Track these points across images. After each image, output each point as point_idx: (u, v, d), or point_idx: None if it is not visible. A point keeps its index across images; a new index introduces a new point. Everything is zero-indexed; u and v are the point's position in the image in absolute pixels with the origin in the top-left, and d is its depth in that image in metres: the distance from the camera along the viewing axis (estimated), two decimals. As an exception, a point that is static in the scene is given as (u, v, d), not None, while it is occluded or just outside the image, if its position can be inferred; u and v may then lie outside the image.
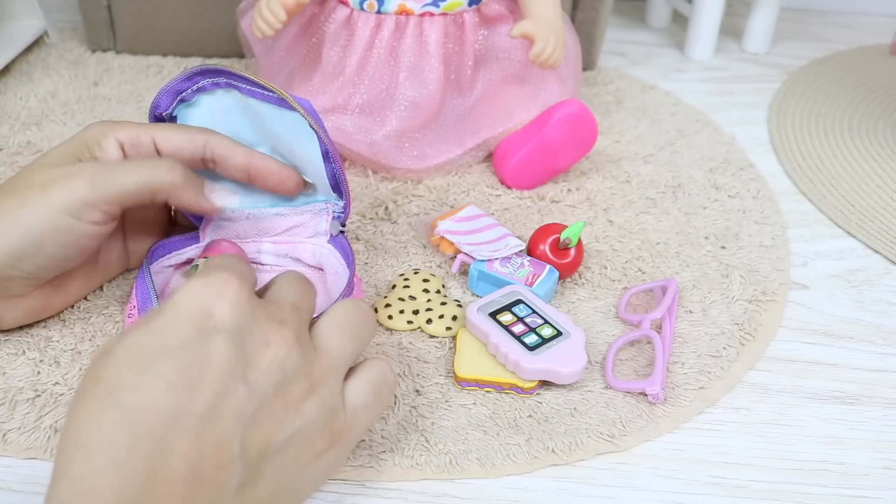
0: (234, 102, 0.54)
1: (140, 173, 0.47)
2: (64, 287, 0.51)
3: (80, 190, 0.45)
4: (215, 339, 0.34)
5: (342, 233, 0.55)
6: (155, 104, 0.53)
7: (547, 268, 0.57)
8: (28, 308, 0.50)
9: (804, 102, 0.89)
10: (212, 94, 0.53)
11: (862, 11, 1.14)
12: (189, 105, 0.54)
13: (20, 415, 0.47)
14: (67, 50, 0.87)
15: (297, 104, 0.50)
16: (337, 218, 0.55)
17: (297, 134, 0.52)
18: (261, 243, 0.56)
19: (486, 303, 0.53)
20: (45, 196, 0.45)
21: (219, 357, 0.34)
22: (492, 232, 0.60)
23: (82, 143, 0.49)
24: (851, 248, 0.67)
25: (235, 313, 0.35)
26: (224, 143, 0.51)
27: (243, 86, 0.52)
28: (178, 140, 0.51)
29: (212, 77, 0.53)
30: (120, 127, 0.50)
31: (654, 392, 0.50)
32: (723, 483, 0.47)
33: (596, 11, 0.86)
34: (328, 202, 0.55)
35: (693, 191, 0.72)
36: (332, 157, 0.52)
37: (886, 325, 0.59)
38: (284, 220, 0.56)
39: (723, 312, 0.58)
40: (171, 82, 0.53)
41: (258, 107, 0.52)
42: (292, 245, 0.55)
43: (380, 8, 0.66)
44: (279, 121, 0.52)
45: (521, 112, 0.70)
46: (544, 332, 0.51)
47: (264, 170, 0.52)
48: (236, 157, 0.51)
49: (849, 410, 0.52)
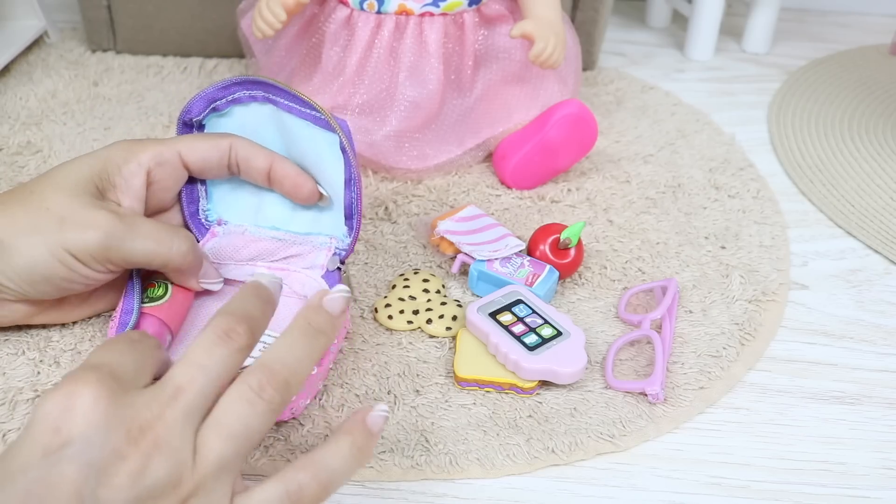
0: (267, 116, 0.53)
1: (154, 247, 0.46)
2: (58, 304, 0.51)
3: (91, 244, 0.45)
4: (61, 458, 0.30)
5: (339, 269, 0.54)
6: (186, 109, 0.52)
7: (547, 268, 0.57)
8: (14, 309, 0.49)
9: (804, 102, 0.89)
10: (246, 106, 0.53)
11: (862, 11, 1.14)
12: (221, 115, 0.53)
13: (20, 415, 0.47)
14: (67, 50, 0.87)
15: (336, 124, 0.50)
16: (337, 254, 0.54)
17: (325, 155, 0.52)
18: (255, 266, 0.55)
19: (486, 303, 0.53)
20: (59, 232, 0.44)
21: (63, 479, 0.30)
22: (492, 232, 0.60)
23: (103, 169, 0.48)
24: (851, 248, 0.67)
25: (83, 426, 0.31)
26: (246, 146, 0.51)
27: (282, 100, 0.52)
28: (203, 149, 0.51)
29: (249, 89, 0.52)
30: (142, 149, 0.49)
31: (654, 392, 0.50)
32: (723, 483, 0.47)
33: (596, 11, 0.86)
34: (332, 237, 0.55)
35: (693, 191, 0.72)
36: (354, 185, 0.51)
37: (886, 325, 0.59)
38: (284, 247, 0.55)
39: (723, 312, 0.58)
40: (208, 89, 0.52)
41: (291, 122, 0.52)
42: (286, 273, 0.55)
43: (380, 8, 0.66)
44: (309, 139, 0.52)
45: (521, 112, 0.70)
46: (544, 332, 0.51)
47: (282, 173, 0.52)
48: (258, 160, 0.51)
49: (849, 410, 0.52)
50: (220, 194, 0.55)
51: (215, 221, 0.56)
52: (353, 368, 0.51)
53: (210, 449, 0.32)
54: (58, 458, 0.30)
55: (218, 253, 0.54)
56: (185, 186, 0.54)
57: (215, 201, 0.56)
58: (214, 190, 0.55)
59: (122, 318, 0.47)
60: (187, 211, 0.55)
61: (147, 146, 0.50)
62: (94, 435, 0.31)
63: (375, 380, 0.51)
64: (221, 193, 0.55)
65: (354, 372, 0.51)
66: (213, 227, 0.55)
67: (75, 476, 0.30)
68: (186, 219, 0.55)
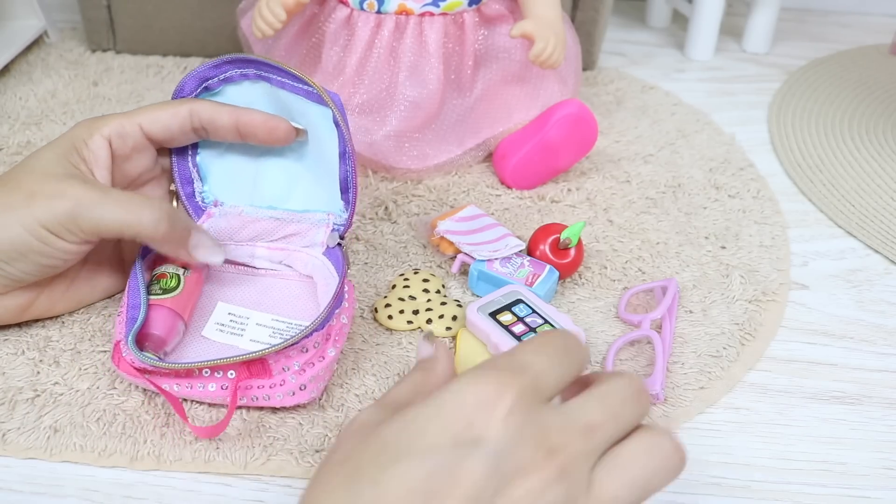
0: (262, 93, 0.53)
1: (123, 215, 0.46)
2: (46, 290, 0.51)
3: (61, 213, 0.45)
4: (472, 454, 0.31)
5: (339, 244, 0.54)
6: (179, 87, 0.53)
7: (547, 268, 0.57)
8: (4, 306, 0.49)
9: (804, 102, 0.89)
10: (238, 84, 0.53)
11: (862, 11, 1.14)
12: (213, 94, 0.53)
13: (20, 415, 0.47)
14: (67, 50, 0.87)
15: (328, 97, 0.50)
16: (336, 230, 0.55)
17: (319, 129, 0.52)
18: (255, 247, 0.55)
19: (486, 303, 0.53)
20: (28, 206, 0.45)
21: (470, 475, 0.30)
22: (492, 232, 0.60)
23: (70, 145, 0.49)
24: (851, 248, 0.67)
25: (501, 430, 0.31)
26: (207, 107, 0.51)
27: (274, 76, 0.52)
28: (163, 119, 0.51)
29: (241, 67, 0.52)
30: (104, 122, 0.50)
31: (655, 392, 0.50)
32: (723, 483, 0.47)
33: (596, 11, 0.86)
34: (329, 213, 0.55)
35: (693, 191, 0.72)
36: (348, 158, 0.51)
37: (886, 325, 0.59)
38: (282, 225, 0.55)
39: (723, 312, 0.58)
40: (200, 67, 0.52)
41: (286, 98, 0.52)
42: (286, 252, 0.55)
43: (380, 8, 0.66)
44: (303, 113, 0.52)
45: (521, 112, 0.70)
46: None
47: (251, 123, 0.51)
48: (222, 117, 0.51)
49: (849, 410, 0.52)
50: (215, 175, 0.56)
51: (211, 203, 0.56)
52: (353, 368, 0.51)
53: (607, 490, 0.32)
54: (468, 452, 0.31)
55: (216, 234, 0.55)
56: (177, 166, 0.54)
57: (211, 182, 0.56)
58: (209, 170, 0.55)
59: (130, 314, 0.47)
60: (183, 192, 0.55)
61: (108, 120, 0.50)
62: (507, 443, 0.31)
63: (375, 380, 0.51)
64: (217, 174, 0.56)
65: (354, 372, 0.51)
66: (209, 208, 0.55)
67: (480, 476, 0.30)
68: (182, 200, 0.55)
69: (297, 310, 0.53)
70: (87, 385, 0.49)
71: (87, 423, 0.46)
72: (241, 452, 0.46)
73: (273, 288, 0.55)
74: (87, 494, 0.44)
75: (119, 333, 0.47)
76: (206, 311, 0.52)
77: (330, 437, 0.47)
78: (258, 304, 0.53)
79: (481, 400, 0.32)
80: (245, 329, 0.51)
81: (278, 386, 0.46)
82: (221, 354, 0.49)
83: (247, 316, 0.52)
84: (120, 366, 0.46)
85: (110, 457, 0.45)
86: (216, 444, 0.46)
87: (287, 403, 0.46)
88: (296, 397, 0.46)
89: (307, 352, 0.46)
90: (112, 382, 0.49)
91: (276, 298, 0.54)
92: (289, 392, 0.46)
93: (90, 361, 0.50)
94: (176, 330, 0.49)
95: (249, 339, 0.51)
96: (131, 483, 0.44)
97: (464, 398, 0.32)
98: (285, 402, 0.46)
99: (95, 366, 0.50)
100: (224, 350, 0.50)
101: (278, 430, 0.47)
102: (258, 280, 0.55)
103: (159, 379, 0.46)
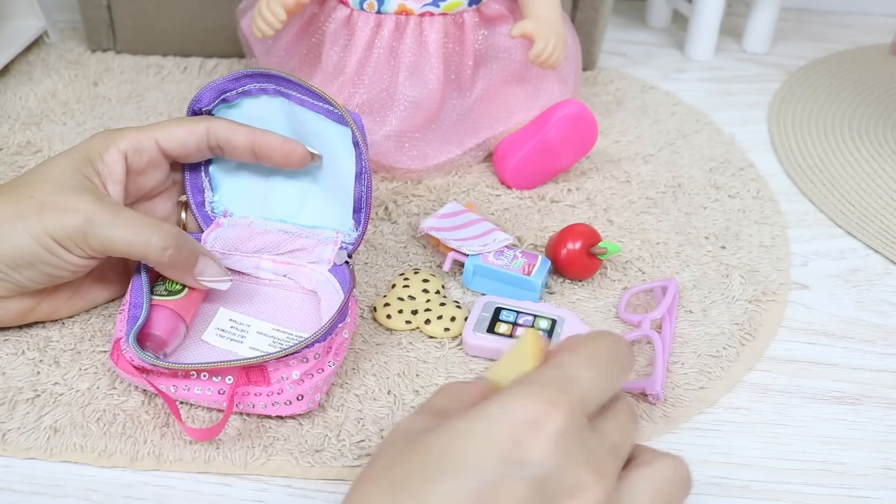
0: (279, 109, 0.53)
1: (132, 237, 0.46)
2: (50, 296, 0.51)
3: (71, 227, 0.45)
4: (517, 475, 0.31)
5: (347, 262, 0.54)
6: (196, 98, 0.53)
7: (539, 258, 0.57)
8: (8, 309, 0.49)
9: (804, 102, 0.89)
10: (256, 98, 0.53)
11: (862, 11, 1.14)
12: (230, 106, 0.53)
13: (20, 415, 0.47)
14: (67, 50, 0.87)
15: (350, 117, 0.50)
16: (344, 248, 0.54)
17: (336, 148, 0.52)
18: (261, 258, 0.55)
19: (475, 323, 0.53)
20: (39, 217, 0.45)
21: (513, 494, 0.30)
22: (478, 227, 0.60)
23: (85, 157, 0.48)
24: (851, 248, 0.67)
25: (545, 453, 0.31)
26: (225, 126, 0.51)
27: (294, 93, 0.52)
28: (181, 136, 0.51)
29: (260, 82, 0.52)
30: (121, 136, 0.50)
31: (655, 392, 0.50)
32: (723, 483, 0.47)
33: (596, 11, 0.86)
34: (338, 231, 0.55)
35: (693, 191, 0.72)
36: (365, 178, 0.51)
37: (886, 325, 0.59)
38: (289, 239, 0.55)
39: (723, 312, 0.58)
40: (219, 80, 0.52)
41: (302, 114, 0.52)
42: (291, 266, 0.55)
43: (380, 8, 0.66)
44: (321, 132, 0.52)
45: (521, 112, 0.70)
46: (542, 325, 0.52)
47: (268, 146, 0.51)
48: (238, 138, 0.51)
49: (849, 410, 0.52)
50: (226, 186, 0.56)
51: (221, 213, 0.56)
52: (353, 368, 0.51)
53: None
54: (513, 472, 0.31)
55: (223, 244, 0.55)
56: (189, 176, 0.54)
57: (222, 192, 0.56)
58: (221, 181, 0.56)
59: (132, 312, 0.48)
60: (193, 201, 0.55)
61: (125, 134, 0.50)
62: (552, 466, 0.31)
63: (375, 380, 0.51)
64: (228, 185, 0.56)
65: (354, 372, 0.51)
66: (218, 218, 0.55)
67: (523, 497, 0.30)
68: (193, 209, 0.55)
69: (298, 321, 0.53)
70: (87, 385, 0.49)
71: (87, 423, 0.46)
72: (241, 452, 0.46)
73: (276, 298, 0.55)
74: (87, 494, 0.44)
75: (120, 331, 0.47)
76: (208, 316, 0.52)
77: (330, 437, 0.47)
78: (260, 313, 0.53)
79: (529, 418, 0.31)
80: (245, 336, 0.51)
81: (276, 394, 0.46)
82: (221, 359, 0.49)
83: (248, 324, 0.52)
84: (118, 363, 0.46)
85: (110, 457, 0.45)
86: (216, 445, 0.46)
87: (283, 413, 0.46)
88: (292, 407, 0.46)
89: (307, 362, 0.46)
90: (112, 383, 0.49)
91: (278, 309, 0.54)
92: (285, 401, 0.46)
93: (90, 362, 0.50)
94: (177, 332, 0.49)
95: (249, 347, 0.51)
96: (131, 483, 0.44)
97: (511, 412, 0.32)
98: (281, 412, 0.46)
99: (95, 366, 0.50)
100: (223, 355, 0.50)
101: (278, 430, 0.47)
102: (262, 289, 0.55)
103: (157, 379, 0.46)
